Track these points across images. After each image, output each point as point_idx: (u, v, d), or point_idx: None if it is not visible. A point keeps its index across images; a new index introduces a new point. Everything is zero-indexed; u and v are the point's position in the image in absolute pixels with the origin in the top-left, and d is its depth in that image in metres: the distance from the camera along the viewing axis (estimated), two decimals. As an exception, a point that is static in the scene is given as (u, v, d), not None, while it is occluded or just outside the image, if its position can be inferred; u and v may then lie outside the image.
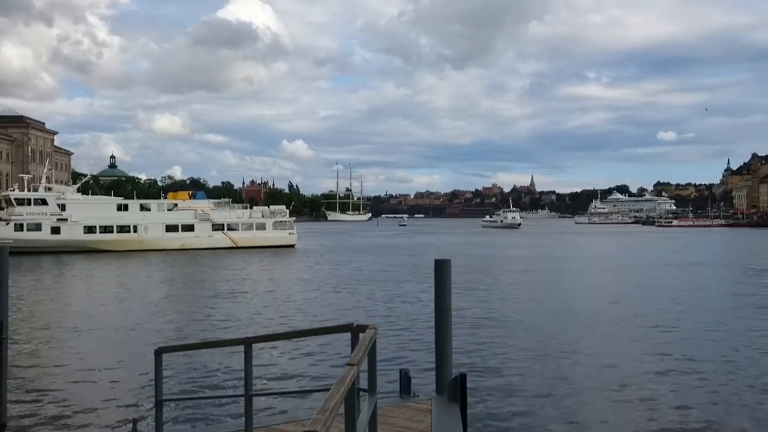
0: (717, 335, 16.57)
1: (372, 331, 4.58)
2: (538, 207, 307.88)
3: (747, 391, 11.31)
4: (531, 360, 13.68)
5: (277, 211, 64.97)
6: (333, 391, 3.00)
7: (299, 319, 19.49)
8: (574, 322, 18.71)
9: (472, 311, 20.43)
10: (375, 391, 4.58)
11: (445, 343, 7.54)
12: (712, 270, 37.24)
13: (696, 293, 25.89)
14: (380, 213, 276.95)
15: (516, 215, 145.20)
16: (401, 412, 6.62)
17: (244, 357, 5.46)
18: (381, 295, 24.82)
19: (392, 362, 12.51)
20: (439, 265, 7.73)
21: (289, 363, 13.25)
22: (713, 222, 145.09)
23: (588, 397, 10.89)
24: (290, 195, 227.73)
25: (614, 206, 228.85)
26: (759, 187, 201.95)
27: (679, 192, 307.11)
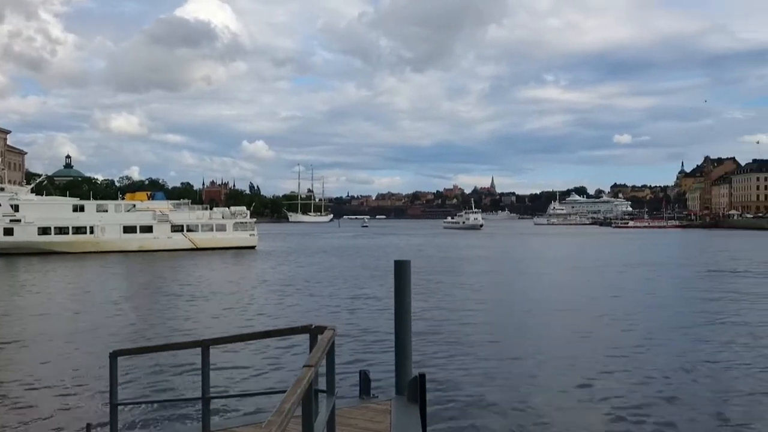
0: (672, 333, 16.95)
1: (330, 332, 4.58)
2: (499, 208, 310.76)
3: (703, 388, 11.60)
4: (491, 360, 13.80)
5: (237, 212, 64.37)
6: (289, 393, 2.99)
7: (259, 321, 19.33)
8: (535, 323, 18.96)
9: (433, 312, 20.54)
10: (333, 392, 4.57)
11: (405, 343, 7.56)
12: (667, 270, 38.09)
13: (650, 293, 26.44)
14: (342, 214, 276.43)
15: (478, 216, 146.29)
16: (360, 413, 6.61)
17: (202, 359, 5.41)
18: (342, 297, 24.77)
19: (352, 363, 12.51)
20: (399, 266, 7.75)
21: (247, 365, 13.13)
22: (668, 223, 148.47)
23: (548, 396, 11.00)
24: (251, 196, 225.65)
25: (572, 207, 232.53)
26: (711, 189, 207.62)
27: (635, 194, 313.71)
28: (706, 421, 9.82)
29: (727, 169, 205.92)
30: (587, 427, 9.55)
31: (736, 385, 11.77)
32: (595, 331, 17.20)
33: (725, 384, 11.93)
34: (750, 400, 10.84)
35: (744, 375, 12.54)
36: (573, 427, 9.58)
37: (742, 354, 14.39)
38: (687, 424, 9.61)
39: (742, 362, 13.60)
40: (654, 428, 9.47)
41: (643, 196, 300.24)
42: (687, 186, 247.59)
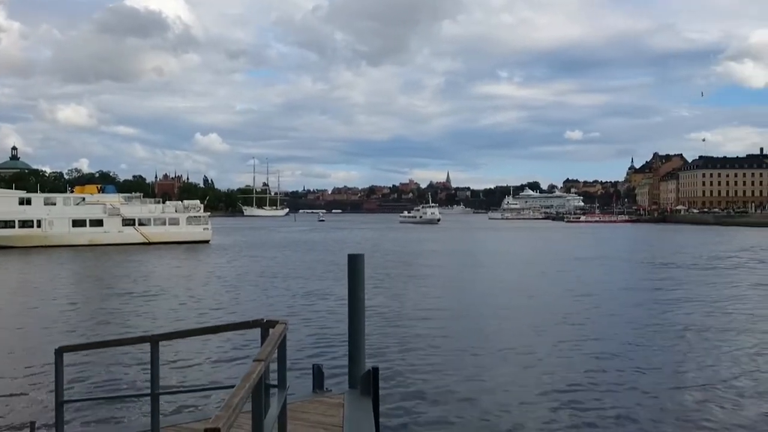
0: (624, 325, 17.36)
1: (282, 326, 4.55)
2: (454, 203, 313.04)
3: (655, 384, 11.92)
4: (444, 354, 13.92)
5: (191, 205, 63.47)
6: (238, 388, 2.96)
7: (211, 316, 19.09)
8: (489, 317, 19.13)
9: (388, 306, 20.61)
10: (285, 386, 4.55)
11: (358, 337, 7.57)
12: (617, 263, 39.01)
13: (602, 286, 27.05)
14: (298, 208, 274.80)
15: (435, 211, 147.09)
16: (313, 406, 6.61)
17: (151, 355, 5.31)
18: (297, 291, 24.66)
19: (306, 357, 12.48)
20: (353, 260, 7.76)
21: (197, 360, 12.98)
22: (618, 218, 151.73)
23: (499, 390, 11.12)
24: (205, 189, 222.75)
25: (526, 202, 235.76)
26: (659, 185, 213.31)
27: (587, 189, 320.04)
28: (657, 412, 10.09)
29: (674, 166, 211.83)
30: (539, 419, 9.71)
31: (684, 379, 12.12)
32: (548, 324, 17.48)
33: (673, 377, 12.26)
34: (700, 390, 11.18)
35: (695, 368, 12.93)
36: (525, 418, 9.72)
37: (693, 345, 14.84)
38: (640, 414, 9.86)
39: (692, 354, 14.03)
40: (604, 418, 9.68)
41: (594, 192, 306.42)
42: (636, 182, 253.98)
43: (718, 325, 17.32)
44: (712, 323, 17.65)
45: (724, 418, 9.59)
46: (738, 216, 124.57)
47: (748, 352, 14.08)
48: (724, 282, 28.06)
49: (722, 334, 16.09)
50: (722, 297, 23.09)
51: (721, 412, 9.86)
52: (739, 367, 12.67)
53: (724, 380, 11.72)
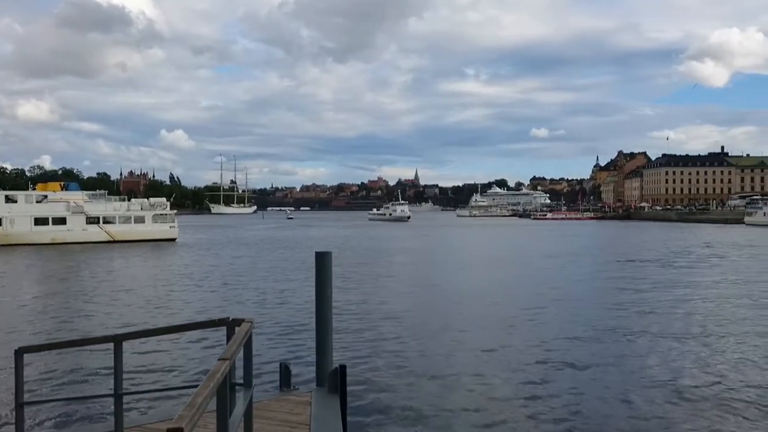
0: (592, 322, 17.61)
1: (248, 324, 4.53)
2: (422, 200, 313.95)
3: (617, 378, 12.12)
4: (412, 351, 13.96)
5: (157, 203, 62.65)
6: (202, 387, 2.94)
7: (177, 315, 18.86)
8: (457, 315, 19.20)
9: (356, 303, 20.61)
10: (251, 384, 4.53)
11: (326, 335, 7.57)
12: (583, 259, 39.55)
13: (569, 283, 27.41)
14: (266, 206, 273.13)
15: (405, 208, 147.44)
16: (280, 405, 6.59)
17: (114, 355, 5.24)
18: (264, 290, 24.52)
19: (274, 356, 12.43)
20: (320, 257, 7.75)
21: (162, 360, 12.82)
22: (583, 215, 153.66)
23: (467, 387, 11.16)
24: (171, 187, 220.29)
25: (493, 200, 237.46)
26: (624, 183, 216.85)
27: (553, 186, 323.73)
28: (621, 407, 10.27)
29: (638, 164, 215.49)
30: (506, 414, 9.80)
31: (646, 374, 12.35)
32: (515, 321, 17.63)
33: (636, 373, 12.48)
34: (658, 386, 11.40)
35: (657, 364, 13.18)
36: (492, 414, 9.80)
37: (654, 340, 15.13)
38: (605, 411, 10.03)
39: (654, 349, 14.31)
40: (570, 414, 9.82)
41: (560, 189, 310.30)
42: (602, 179, 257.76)
43: (681, 321, 17.68)
44: (675, 318, 18.01)
45: (685, 415, 9.81)
46: (700, 213, 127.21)
47: (711, 347, 14.39)
48: (686, 278, 28.64)
49: (685, 329, 16.42)
50: (684, 292, 23.55)
51: (681, 408, 10.07)
52: (702, 362, 12.96)
53: (686, 374, 11.99)
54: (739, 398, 10.37)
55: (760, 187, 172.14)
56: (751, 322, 17.34)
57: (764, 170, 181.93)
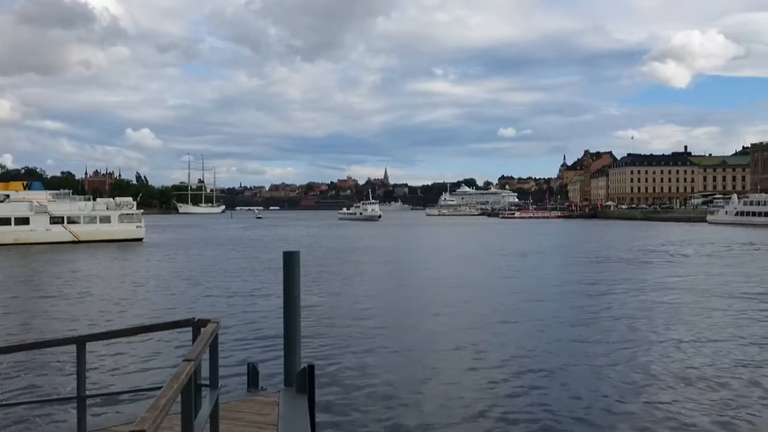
0: (558, 321, 17.81)
1: (214, 325, 4.49)
2: (392, 199, 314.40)
3: (584, 376, 12.28)
4: (380, 350, 13.97)
5: (123, 203, 61.63)
6: (166, 388, 2.91)
7: (143, 316, 18.62)
8: (425, 314, 19.26)
9: (325, 303, 20.58)
10: (217, 385, 4.50)
11: (294, 335, 7.53)
12: (550, 258, 40.03)
13: (537, 281, 27.72)
14: (234, 205, 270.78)
15: (376, 207, 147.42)
16: (248, 406, 6.55)
17: (77, 357, 5.15)
18: (232, 290, 24.33)
19: (242, 356, 12.34)
20: (288, 257, 7.71)
21: (127, 361, 12.65)
22: (551, 214, 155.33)
23: (435, 386, 11.20)
24: (138, 186, 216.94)
25: (462, 199, 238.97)
26: (590, 182, 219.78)
27: (521, 185, 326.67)
28: (587, 404, 10.41)
29: (604, 163, 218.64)
30: (474, 413, 9.86)
31: (611, 372, 12.54)
32: (483, 320, 17.75)
33: (601, 371, 12.66)
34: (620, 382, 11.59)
35: (621, 361, 13.38)
36: (460, 413, 9.85)
37: (619, 336, 15.37)
38: (572, 407, 10.16)
39: (618, 343, 14.53)
40: (539, 413, 9.92)
41: (528, 188, 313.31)
42: (568, 178, 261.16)
43: (644, 316, 17.99)
44: (639, 314, 18.31)
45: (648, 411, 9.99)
46: (664, 211, 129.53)
47: (674, 342, 14.66)
48: (648, 275, 29.15)
49: (649, 325, 16.71)
50: (648, 289, 23.97)
51: (643, 403, 10.25)
52: (666, 357, 13.20)
53: (651, 370, 12.20)
54: (698, 391, 10.61)
55: (722, 186, 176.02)
56: (710, 318, 17.72)
57: (726, 170, 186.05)
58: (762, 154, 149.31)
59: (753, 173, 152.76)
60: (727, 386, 10.98)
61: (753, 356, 13.12)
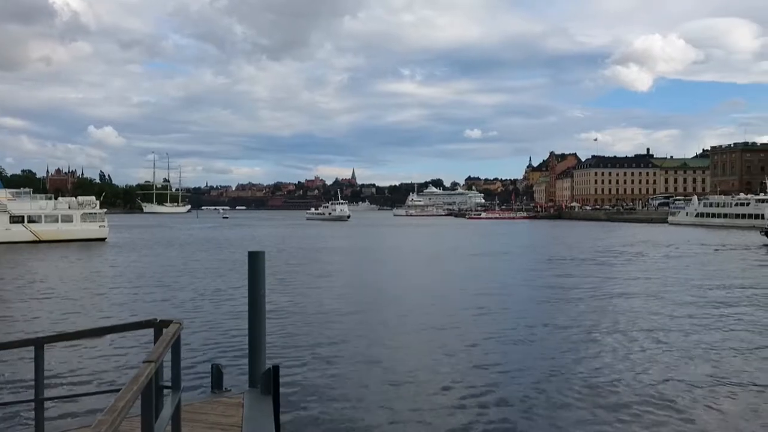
0: (525, 322, 18.00)
1: (176, 326, 4.43)
2: (359, 200, 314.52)
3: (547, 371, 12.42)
4: (346, 351, 13.94)
5: (85, 202, 60.50)
6: (125, 390, 2.87)
7: (104, 317, 18.28)
8: (391, 315, 19.24)
9: (291, 303, 20.49)
10: (179, 387, 4.44)
11: (259, 335, 7.48)
12: (516, 258, 40.43)
13: (498, 280, 27.97)
14: (200, 205, 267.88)
15: (345, 208, 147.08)
16: (212, 407, 6.48)
17: (35, 359, 5.04)
18: (197, 290, 24.06)
19: (207, 357, 12.22)
20: (253, 257, 7.66)
21: (87, 364, 12.39)
22: (516, 214, 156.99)
23: (400, 387, 11.20)
24: (101, 185, 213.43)
25: (429, 199, 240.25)
26: (555, 183, 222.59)
27: (488, 186, 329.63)
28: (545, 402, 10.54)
29: (569, 164, 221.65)
30: (439, 414, 9.90)
31: (574, 366, 12.72)
32: (449, 320, 17.82)
33: (566, 366, 12.83)
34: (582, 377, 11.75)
35: (581, 357, 13.57)
36: (425, 414, 9.88)
37: (581, 334, 15.58)
38: (537, 405, 10.27)
39: (579, 343, 14.74)
40: (502, 411, 10.01)
41: (494, 189, 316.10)
42: (534, 179, 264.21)
43: (606, 317, 18.27)
44: (601, 314, 18.60)
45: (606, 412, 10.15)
46: (626, 212, 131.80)
47: (636, 342, 14.93)
48: (612, 275, 29.65)
49: (611, 324, 16.97)
50: (610, 287, 24.37)
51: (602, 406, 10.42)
52: (628, 359, 13.43)
53: (608, 368, 12.40)
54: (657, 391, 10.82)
55: (683, 188, 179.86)
56: (670, 318, 18.08)
57: (686, 172, 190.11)
58: (721, 157, 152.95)
59: (712, 175, 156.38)
60: (682, 385, 11.23)
61: (713, 354, 13.43)
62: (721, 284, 25.51)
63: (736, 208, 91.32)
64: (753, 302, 20.83)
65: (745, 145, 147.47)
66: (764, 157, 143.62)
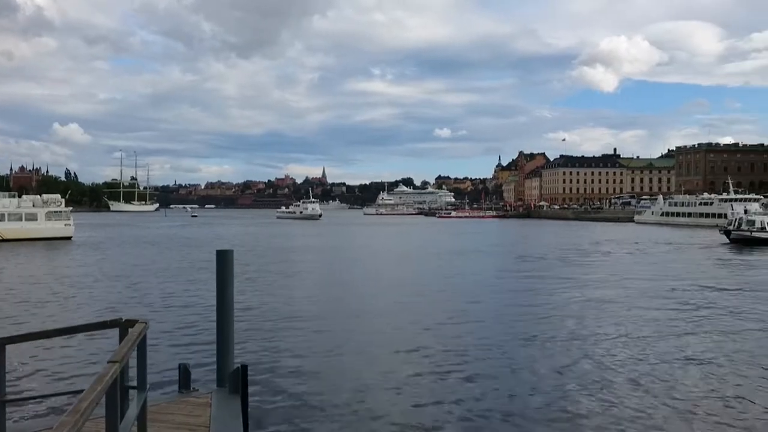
0: (488, 319, 18.15)
1: (141, 325, 4.40)
2: (330, 198, 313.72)
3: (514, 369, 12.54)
4: (316, 351, 13.90)
5: (50, 200, 59.36)
6: (88, 391, 2.85)
7: (68, 317, 17.96)
8: (361, 314, 19.25)
9: (259, 302, 20.38)
10: (145, 387, 4.41)
11: (227, 335, 7.46)
12: (485, 257, 40.74)
13: (468, 278, 28.18)
14: (169, 203, 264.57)
15: (316, 206, 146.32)
16: (179, 407, 6.44)
17: (-4, 360, 4.95)
18: (164, 290, 23.79)
19: (174, 357, 12.10)
20: (221, 255, 7.64)
21: (50, 364, 12.18)
22: (486, 213, 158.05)
23: (369, 386, 11.21)
24: (67, 183, 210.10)
25: (400, 198, 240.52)
26: (524, 182, 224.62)
27: (458, 185, 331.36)
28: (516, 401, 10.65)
29: (538, 164, 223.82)
30: (406, 412, 9.94)
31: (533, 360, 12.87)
32: (418, 320, 17.85)
33: (528, 363, 12.97)
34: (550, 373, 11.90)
35: (548, 353, 13.73)
36: (393, 412, 9.91)
37: (546, 331, 15.78)
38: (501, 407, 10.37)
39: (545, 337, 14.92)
40: (469, 411, 10.09)
41: (464, 188, 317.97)
42: (503, 179, 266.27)
43: (573, 313, 18.52)
44: (568, 311, 18.85)
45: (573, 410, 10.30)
46: (594, 211, 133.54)
47: (603, 339, 15.16)
48: (578, 273, 30.06)
49: (577, 322, 17.21)
50: (577, 286, 24.71)
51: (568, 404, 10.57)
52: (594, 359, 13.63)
53: (576, 367, 12.58)
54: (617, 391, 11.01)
55: (649, 187, 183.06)
56: (635, 314, 18.41)
57: (652, 172, 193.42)
58: (686, 157, 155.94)
59: (677, 175, 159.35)
60: (649, 382, 11.45)
61: (676, 351, 13.70)
62: (682, 282, 26.02)
63: (700, 208, 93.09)
64: (708, 298, 21.33)
65: (708, 146, 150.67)
66: (727, 157, 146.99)
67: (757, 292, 23.05)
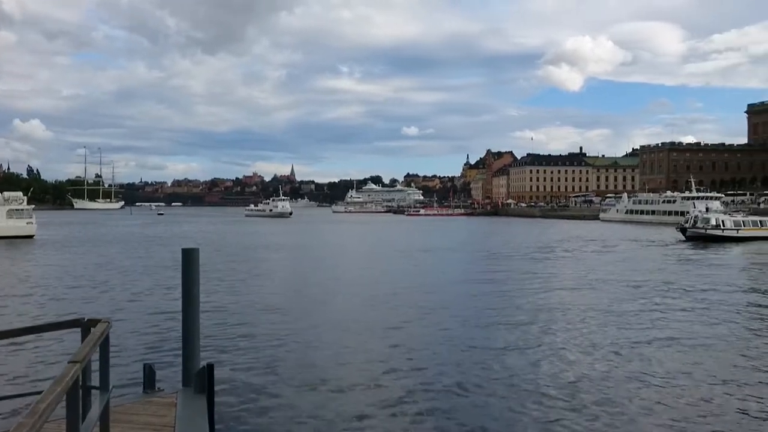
0: (456, 318, 18.25)
1: (104, 325, 4.34)
2: (298, 196, 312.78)
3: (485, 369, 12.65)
4: (282, 350, 13.83)
5: (12, 198, 58.00)
6: (47, 392, 2.80)
7: (29, 317, 17.59)
8: (328, 312, 19.24)
9: (226, 301, 20.23)
10: (108, 387, 4.35)
11: (193, 334, 7.40)
12: (450, 254, 41.00)
13: (436, 276, 28.34)
14: (135, 201, 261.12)
15: (286, 204, 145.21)
16: (143, 407, 6.38)
17: (-47, 362, 4.84)
18: (129, 288, 23.45)
19: (139, 357, 11.95)
20: (187, 254, 7.58)
21: (10, 365, 11.94)
22: (454, 211, 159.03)
23: (336, 385, 11.17)
24: (29, 180, 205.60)
25: (369, 196, 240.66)
26: (492, 180, 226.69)
27: (426, 183, 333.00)
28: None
29: (505, 162, 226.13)
30: (377, 411, 9.95)
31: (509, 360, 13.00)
32: (386, 318, 17.91)
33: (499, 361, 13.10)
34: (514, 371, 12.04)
35: (517, 350, 13.88)
36: (363, 411, 9.92)
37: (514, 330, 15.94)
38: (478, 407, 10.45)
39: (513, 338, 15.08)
40: (441, 410, 10.15)
41: (433, 186, 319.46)
42: (471, 177, 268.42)
43: (540, 311, 18.75)
44: (536, 309, 19.07)
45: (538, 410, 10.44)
46: (560, 209, 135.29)
47: (571, 339, 15.37)
48: (545, 269, 30.43)
49: (544, 319, 17.43)
50: (541, 282, 25.03)
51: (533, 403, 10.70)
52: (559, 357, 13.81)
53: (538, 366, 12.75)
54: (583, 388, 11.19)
55: (614, 185, 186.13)
56: (601, 313, 18.71)
57: (617, 170, 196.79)
58: (649, 156, 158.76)
59: (641, 174, 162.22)
60: (614, 383, 11.65)
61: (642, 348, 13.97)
62: (642, 277, 26.53)
63: (664, 206, 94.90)
64: (663, 293, 21.81)
65: (671, 145, 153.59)
66: (690, 156, 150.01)
67: (706, 289, 23.61)
